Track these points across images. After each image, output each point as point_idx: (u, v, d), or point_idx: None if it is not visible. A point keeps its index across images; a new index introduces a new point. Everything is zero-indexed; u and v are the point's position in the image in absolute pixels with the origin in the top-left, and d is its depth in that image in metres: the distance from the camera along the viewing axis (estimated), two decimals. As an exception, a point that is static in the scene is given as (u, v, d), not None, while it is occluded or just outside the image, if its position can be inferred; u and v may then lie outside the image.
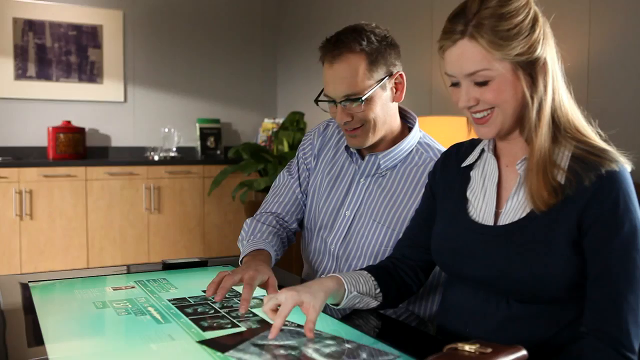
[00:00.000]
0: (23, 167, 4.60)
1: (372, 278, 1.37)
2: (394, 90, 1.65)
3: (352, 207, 1.68)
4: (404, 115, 1.74)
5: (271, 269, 1.50)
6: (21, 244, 4.56)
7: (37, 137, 5.09)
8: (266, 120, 5.70)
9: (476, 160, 1.36)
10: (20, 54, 5.02)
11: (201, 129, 5.62)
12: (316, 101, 1.67)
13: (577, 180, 1.15)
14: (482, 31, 1.15)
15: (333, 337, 1.15)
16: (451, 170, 1.41)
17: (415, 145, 1.69)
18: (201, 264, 1.78)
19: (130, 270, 1.76)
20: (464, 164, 1.38)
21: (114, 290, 1.51)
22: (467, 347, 0.97)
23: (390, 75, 1.62)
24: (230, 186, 5.14)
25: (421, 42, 3.88)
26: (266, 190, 4.79)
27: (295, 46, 5.59)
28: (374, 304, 1.37)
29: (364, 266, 1.61)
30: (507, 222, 1.24)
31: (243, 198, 4.87)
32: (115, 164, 4.95)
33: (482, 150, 1.35)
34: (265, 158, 4.89)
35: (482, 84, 1.18)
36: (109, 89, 5.37)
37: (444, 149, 1.69)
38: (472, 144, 1.41)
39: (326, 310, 1.33)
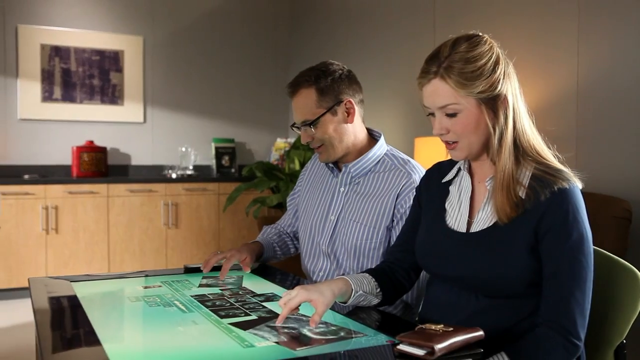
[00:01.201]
0: (49, 184, 4.89)
1: (373, 279, 1.60)
2: (346, 114, 1.96)
3: (335, 211, 1.99)
4: (371, 133, 2.06)
5: (252, 253, 1.97)
6: (47, 257, 4.84)
7: (62, 156, 5.38)
8: (278, 140, 5.95)
9: (454, 177, 1.60)
10: (47, 78, 5.33)
11: (216, 148, 5.89)
12: (291, 127, 2.03)
13: (535, 195, 1.38)
14: (450, 73, 1.39)
15: (324, 322, 1.39)
16: (433, 185, 1.65)
17: (383, 156, 2.00)
18: (217, 268, 2.02)
19: (156, 273, 2.00)
20: (444, 180, 1.61)
21: (144, 288, 1.76)
22: (433, 327, 1.21)
23: (339, 102, 1.93)
24: (244, 202, 5.40)
25: (423, 66, 4.12)
26: (278, 206, 5.04)
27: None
28: (375, 301, 1.60)
29: (349, 260, 1.86)
30: (477, 230, 1.47)
31: (256, 214, 5.12)
32: (135, 181, 5.23)
33: (459, 169, 1.59)
34: (277, 176, 5.14)
35: (452, 115, 1.42)
36: (129, 110, 5.66)
37: (407, 157, 1.99)
38: (451, 163, 1.65)
39: (334, 307, 1.55)
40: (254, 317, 1.44)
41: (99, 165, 5.32)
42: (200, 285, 1.79)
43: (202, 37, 5.91)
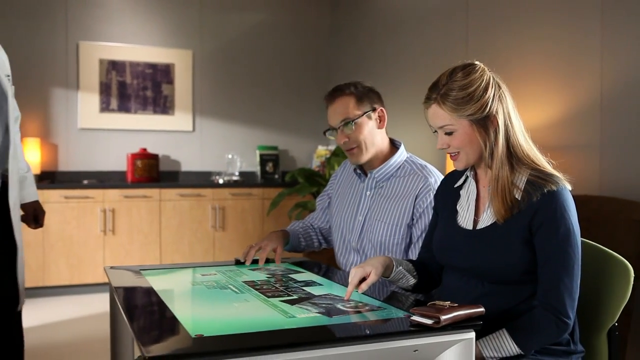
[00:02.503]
0: (106, 188, 5.28)
1: (410, 264, 1.88)
2: (378, 120, 2.26)
3: (362, 212, 2.27)
4: (393, 142, 2.34)
5: (280, 241, 2.30)
6: (105, 256, 5.22)
7: (118, 162, 5.78)
8: (320, 148, 6.23)
9: (464, 182, 1.86)
10: (104, 90, 5.74)
11: (261, 155, 6.21)
12: (324, 132, 2.34)
13: (529, 197, 1.64)
14: (445, 100, 1.67)
15: (353, 300, 1.67)
16: (447, 190, 1.91)
17: (403, 162, 2.27)
18: (256, 260, 2.32)
19: (211, 264, 2.30)
20: (455, 185, 1.88)
21: (202, 275, 2.06)
22: (441, 303, 1.47)
23: (373, 109, 2.23)
24: (287, 207, 5.69)
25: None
26: (319, 210, 5.33)
27: (346, 80, 6.12)
28: (412, 281, 1.86)
29: (375, 254, 2.15)
30: (481, 227, 1.73)
31: (298, 217, 5.40)
32: (185, 186, 5.58)
33: (467, 176, 1.85)
34: (318, 182, 5.42)
35: (449, 133, 1.70)
36: (180, 119, 6.02)
37: (424, 163, 2.26)
38: (461, 171, 1.91)
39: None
40: (295, 297, 1.72)
41: (151, 171, 5.68)
42: (250, 275, 2.08)
43: (247, 50, 6.25)
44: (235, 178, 5.96)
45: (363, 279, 1.69)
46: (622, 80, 3.30)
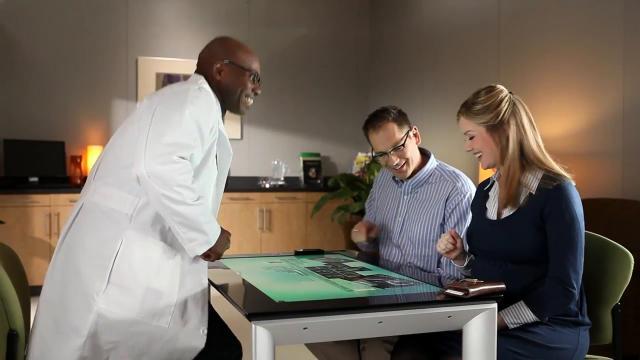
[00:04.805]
0: (164, 192, 5.70)
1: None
2: (415, 137, 2.61)
3: (402, 214, 2.65)
4: (423, 152, 2.68)
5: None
6: (163, 254, 5.65)
7: (173, 168, 6.20)
8: (360, 154, 6.57)
9: (491, 185, 2.24)
10: (161, 102, 6.18)
11: (304, 162, 6.59)
12: (374, 158, 2.66)
13: (541, 191, 2.02)
14: (467, 111, 2.11)
15: (399, 279, 2.05)
16: (480, 194, 2.30)
17: (434, 170, 2.63)
18: (319, 252, 2.71)
19: (275, 255, 2.71)
20: (485, 188, 2.26)
21: (270, 263, 2.46)
22: (470, 280, 1.84)
23: (410, 128, 2.59)
24: (329, 210, 6.06)
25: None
26: (360, 213, 5.69)
27: (385, 91, 6.51)
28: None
29: (413, 249, 2.56)
30: (504, 217, 2.10)
31: (340, 220, 5.78)
32: (235, 190, 5.98)
33: (494, 180, 2.23)
34: (359, 186, 5.79)
35: (471, 138, 2.12)
36: (229, 128, 6.40)
37: (452, 169, 2.62)
38: (490, 179, 2.29)
39: (411, 273, 2.20)
40: (351, 277, 2.11)
41: (203, 177, 6.09)
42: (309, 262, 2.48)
43: (291, 63, 6.66)
44: (280, 183, 6.33)
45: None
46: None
